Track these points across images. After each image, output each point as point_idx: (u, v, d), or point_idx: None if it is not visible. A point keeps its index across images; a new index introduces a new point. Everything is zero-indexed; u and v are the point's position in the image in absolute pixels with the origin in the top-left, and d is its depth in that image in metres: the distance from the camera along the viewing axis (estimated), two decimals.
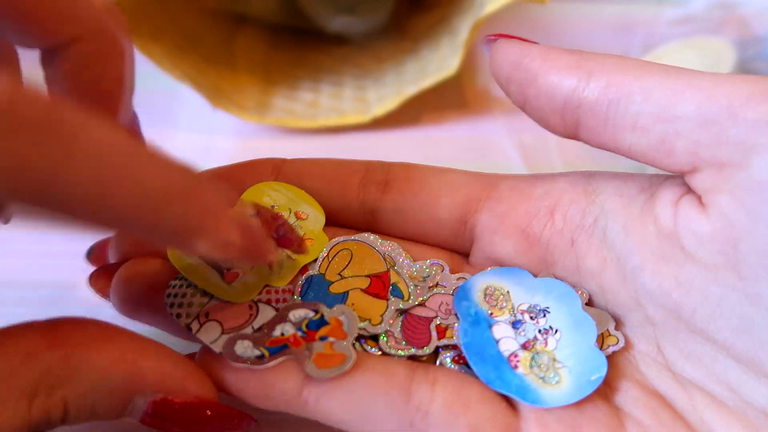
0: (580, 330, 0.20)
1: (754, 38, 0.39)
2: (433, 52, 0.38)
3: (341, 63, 0.41)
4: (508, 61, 0.20)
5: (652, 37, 0.41)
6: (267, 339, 0.19)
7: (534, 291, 0.21)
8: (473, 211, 0.22)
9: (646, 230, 0.19)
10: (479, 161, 0.34)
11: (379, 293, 0.20)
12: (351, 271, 0.21)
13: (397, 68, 0.39)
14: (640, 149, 0.18)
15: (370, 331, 0.19)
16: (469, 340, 0.20)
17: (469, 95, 0.39)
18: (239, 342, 0.19)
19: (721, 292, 0.17)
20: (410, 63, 0.38)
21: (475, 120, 0.37)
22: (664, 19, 0.43)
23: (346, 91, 0.38)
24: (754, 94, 0.16)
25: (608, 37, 0.42)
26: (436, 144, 0.36)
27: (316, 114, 0.36)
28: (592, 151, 0.21)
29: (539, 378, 0.19)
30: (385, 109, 0.35)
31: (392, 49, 0.41)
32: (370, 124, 0.36)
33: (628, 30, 0.42)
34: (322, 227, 0.22)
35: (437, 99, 0.36)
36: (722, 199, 0.17)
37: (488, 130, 0.36)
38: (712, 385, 0.18)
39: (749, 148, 0.16)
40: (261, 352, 0.19)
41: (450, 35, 0.37)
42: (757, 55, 0.38)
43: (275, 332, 0.19)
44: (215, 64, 0.37)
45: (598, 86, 0.18)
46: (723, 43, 0.38)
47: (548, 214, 0.21)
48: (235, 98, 0.36)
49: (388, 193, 0.22)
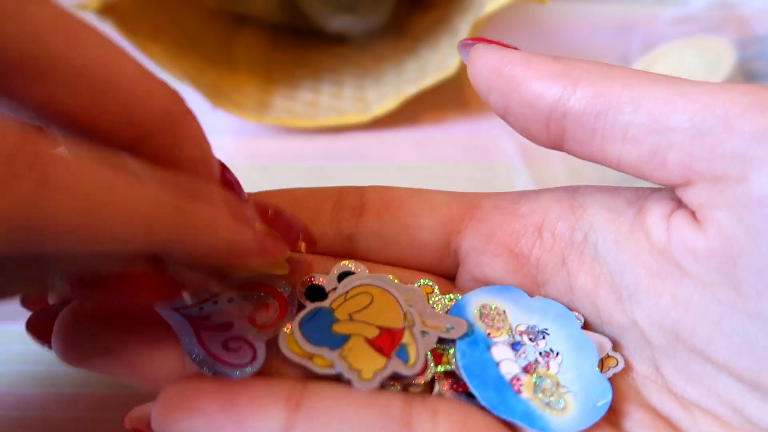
0: (581, 353, 0.19)
1: (754, 38, 0.39)
2: (432, 52, 0.38)
3: (341, 62, 0.41)
4: (488, 67, 0.19)
5: (652, 37, 0.41)
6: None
7: (530, 311, 0.20)
8: (456, 231, 0.21)
9: (638, 246, 0.18)
10: (479, 161, 0.34)
11: (383, 348, 0.19)
12: (365, 316, 0.19)
13: (397, 68, 0.39)
14: (630, 161, 0.18)
15: (355, 384, 0.17)
16: (467, 361, 0.19)
17: (469, 95, 0.39)
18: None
19: (721, 311, 0.17)
20: (410, 63, 0.38)
21: (475, 120, 0.37)
22: (664, 18, 0.43)
23: (346, 90, 0.38)
24: (751, 105, 0.16)
25: (608, 36, 0.42)
26: (436, 144, 0.36)
27: (316, 114, 0.36)
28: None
29: (544, 403, 0.18)
30: (385, 108, 0.35)
31: (392, 49, 0.41)
32: (370, 124, 0.36)
33: (628, 29, 0.42)
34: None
35: (437, 99, 0.37)
36: (719, 215, 0.16)
37: (488, 129, 0.36)
38: (715, 405, 0.18)
39: (747, 162, 0.16)
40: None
41: (450, 35, 0.37)
42: (757, 54, 0.38)
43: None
44: (215, 63, 0.37)
45: (585, 95, 0.18)
46: (723, 42, 0.38)
47: (536, 232, 0.21)
48: (235, 98, 0.36)
49: (365, 217, 0.21)
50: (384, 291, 0.20)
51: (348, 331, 0.19)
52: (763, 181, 0.16)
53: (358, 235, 0.21)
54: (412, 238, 0.21)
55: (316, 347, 0.18)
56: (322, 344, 0.18)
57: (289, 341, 0.18)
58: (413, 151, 0.35)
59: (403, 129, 0.36)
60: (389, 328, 0.19)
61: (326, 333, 0.19)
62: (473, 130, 0.37)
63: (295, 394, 0.17)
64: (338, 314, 0.19)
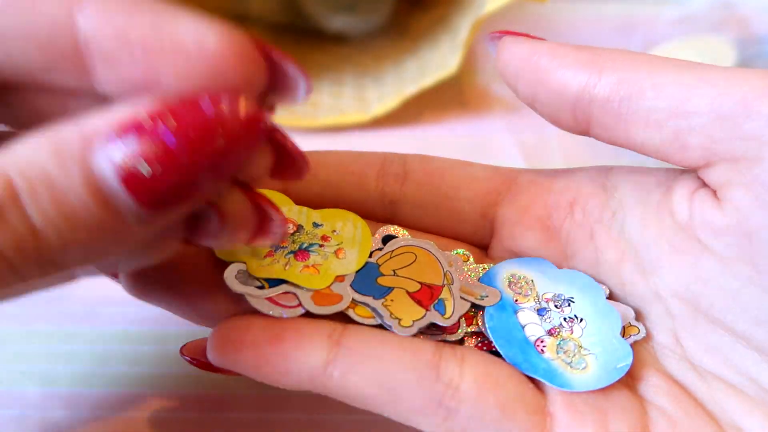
0: (605, 320, 0.20)
1: (754, 37, 0.39)
2: (433, 52, 0.38)
3: (341, 62, 0.41)
4: (517, 58, 0.20)
5: (652, 37, 0.41)
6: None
7: (557, 281, 0.21)
8: (493, 203, 0.22)
9: (662, 224, 0.19)
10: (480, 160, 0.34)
11: (422, 301, 0.20)
12: (407, 272, 0.21)
13: (397, 67, 0.39)
14: (653, 145, 0.18)
15: (395, 330, 0.19)
16: (495, 324, 0.20)
17: (469, 94, 0.39)
18: (240, 271, 0.19)
19: (738, 284, 0.18)
20: (410, 62, 0.38)
21: (475, 119, 0.37)
22: (664, 18, 0.43)
23: (346, 90, 0.38)
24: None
25: (608, 36, 0.42)
26: (437, 143, 0.36)
27: (317, 113, 0.36)
28: (594, 149, 0.21)
29: (566, 363, 0.19)
30: (386, 108, 0.35)
31: (392, 48, 0.41)
32: (370, 123, 0.36)
33: (629, 29, 0.42)
34: (358, 232, 0.22)
35: (437, 98, 0.36)
36: (737, 193, 0.17)
37: (488, 129, 0.36)
38: (732, 375, 0.18)
39: (764, 143, 0.16)
40: (261, 283, 0.19)
41: (450, 34, 0.37)
42: (758, 54, 0.38)
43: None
44: None
45: (609, 82, 0.18)
46: (723, 42, 0.38)
47: (568, 208, 0.21)
48: None
49: (407, 185, 0.22)
50: (427, 252, 0.21)
51: (391, 284, 0.20)
52: None
53: (400, 202, 0.23)
54: (451, 208, 0.23)
55: (362, 296, 0.20)
56: (368, 294, 0.20)
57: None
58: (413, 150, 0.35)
59: (403, 128, 0.36)
60: (430, 284, 0.20)
61: (372, 284, 0.20)
62: (473, 129, 0.37)
63: (336, 333, 0.18)
64: (384, 269, 0.21)
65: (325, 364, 0.18)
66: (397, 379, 0.18)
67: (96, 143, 0.13)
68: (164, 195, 0.13)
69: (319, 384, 0.18)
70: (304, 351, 0.18)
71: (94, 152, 0.13)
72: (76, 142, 0.13)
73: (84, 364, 0.25)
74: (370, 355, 0.18)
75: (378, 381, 0.18)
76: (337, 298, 0.19)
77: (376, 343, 0.18)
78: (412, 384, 0.18)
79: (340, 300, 0.19)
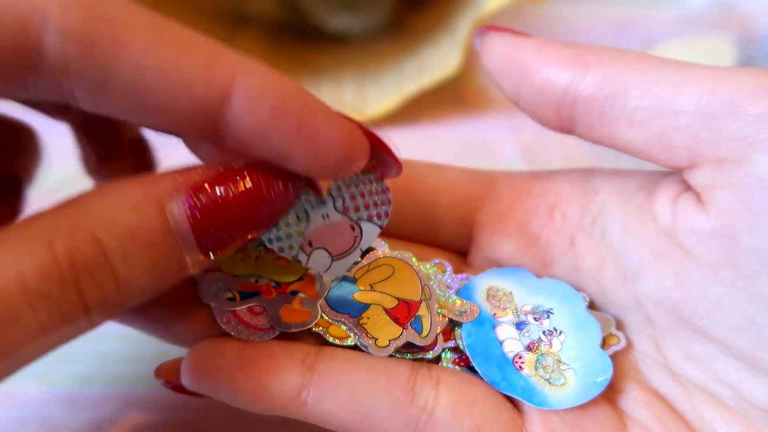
0: (584, 332, 0.20)
1: (754, 37, 0.39)
2: (432, 51, 0.38)
3: (341, 62, 0.41)
4: (501, 54, 0.20)
5: (652, 36, 0.41)
6: (241, 283, 0.19)
7: (537, 292, 0.21)
8: (472, 209, 0.22)
9: (645, 229, 0.19)
10: (479, 160, 0.34)
11: (399, 318, 0.19)
12: (385, 287, 0.20)
13: (397, 67, 0.39)
14: (637, 145, 0.18)
15: (371, 350, 0.19)
16: (472, 341, 0.19)
17: (469, 94, 0.39)
18: (215, 282, 0.19)
19: (722, 290, 0.17)
20: (410, 62, 0.38)
21: (474, 118, 0.37)
22: (664, 18, 0.43)
23: (346, 89, 0.38)
24: (757, 88, 0.16)
25: (608, 36, 0.42)
26: (436, 142, 0.36)
27: None
28: (594, 148, 0.21)
29: (545, 380, 0.19)
30: (385, 107, 0.35)
31: (392, 48, 0.41)
32: (370, 123, 0.36)
33: (628, 29, 0.42)
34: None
35: (437, 98, 0.36)
36: (722, 196, 0.17)
37: (488, 128, 0.36)
38: (713, 384, 0.18)
39: (750, 144, 0.16)
40: (232, 295, 0.19)
41: (450, 34, 0.37)
42: (758, 53, 0.38)
43: (250, 279, 0.19)
44: None
45: (594, 80, 0.18)
46: (723, 41, 0.38)
47: (547, 213, 0.21)
48: None
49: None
50: (405, 264, 0.21)
51: (368, 300, 0.20)
52: (765, 163, 0.16)
53: None
54: (428, 216, 0.22)
55: (337, 314, 0.19)
56: (344, 311, 0.19)
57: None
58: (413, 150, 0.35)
59: (403, 128, 0.36)
60: (407, 299, 0.20)
61: (349, 301, 0.20)
62: (473, 128, 0.37)
63: (309, 359, 0.18)
64: (361, 284, 0.20)
65: (299, 390, 0.18)
66: (372, 404, 0.18)
67: (170, 198, 0.15)
68: (219, 242, 0.15)
69: (293, 410, 0.18)
70: (278, 377, 0.18)
71: (171, 204, 0.15)
72: (155, 197, 0.14)
73: (84, 364, 0.25)
74: (343, 380, 0.18)
75: (352, 406, 0.18)
76: (305, 315, 0.19)
77: (350, 368, 0.18)
78: (387, 409, 0.18)
79: (308, 317, 0.19)
